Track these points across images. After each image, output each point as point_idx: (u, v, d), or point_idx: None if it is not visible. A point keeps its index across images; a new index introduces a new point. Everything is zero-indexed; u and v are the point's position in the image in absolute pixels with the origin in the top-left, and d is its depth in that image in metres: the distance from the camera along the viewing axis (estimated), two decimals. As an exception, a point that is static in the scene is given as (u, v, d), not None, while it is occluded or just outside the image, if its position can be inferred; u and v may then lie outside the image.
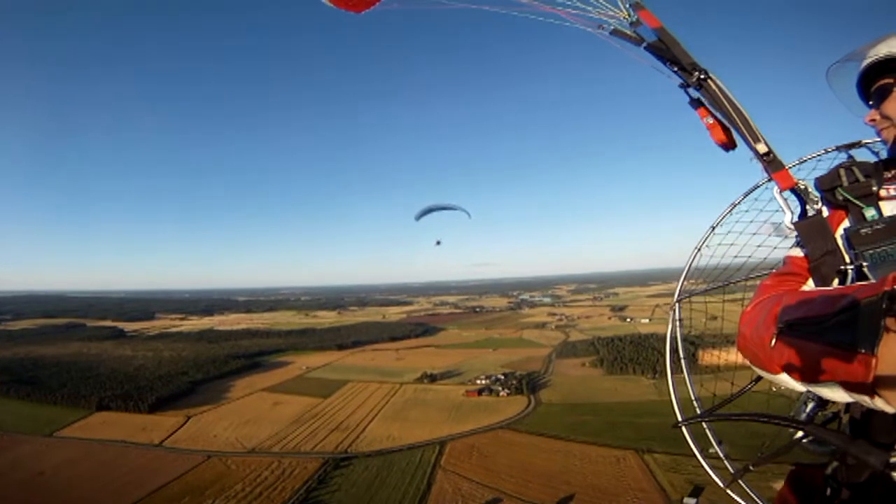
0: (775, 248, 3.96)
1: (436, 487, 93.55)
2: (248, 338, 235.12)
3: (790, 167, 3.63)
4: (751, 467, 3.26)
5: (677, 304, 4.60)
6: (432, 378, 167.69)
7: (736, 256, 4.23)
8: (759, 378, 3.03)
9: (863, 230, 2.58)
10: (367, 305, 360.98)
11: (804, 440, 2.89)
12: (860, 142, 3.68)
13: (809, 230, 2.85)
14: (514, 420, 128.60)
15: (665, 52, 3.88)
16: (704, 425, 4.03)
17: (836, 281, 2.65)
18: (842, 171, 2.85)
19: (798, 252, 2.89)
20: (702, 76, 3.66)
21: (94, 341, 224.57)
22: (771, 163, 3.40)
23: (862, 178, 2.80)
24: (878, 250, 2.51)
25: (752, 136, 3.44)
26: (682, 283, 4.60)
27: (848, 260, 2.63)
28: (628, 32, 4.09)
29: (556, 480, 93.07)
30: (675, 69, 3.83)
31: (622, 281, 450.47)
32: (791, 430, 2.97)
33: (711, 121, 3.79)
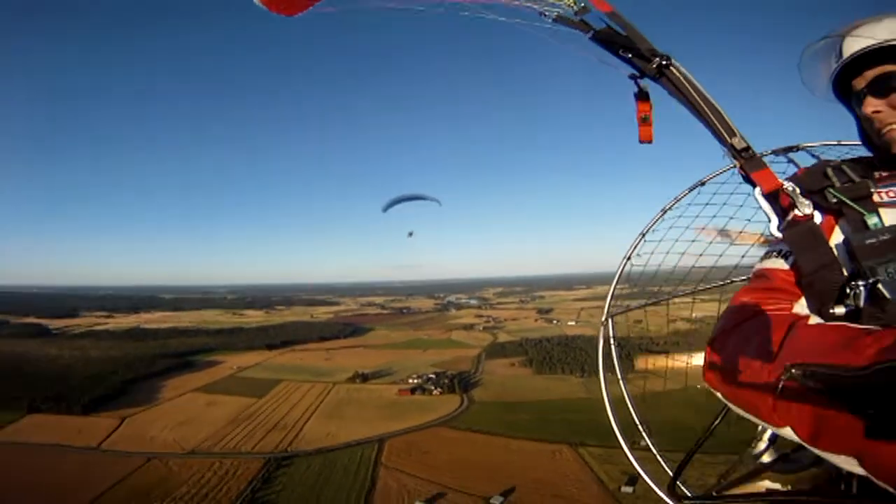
0: (721, 255, 3.83)
1: (380, 484, 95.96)
2: (176, 336, 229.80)
3: (719, 174, 3.83)
4: (714, 493, 3.26)
5: (610, 320, 4.35)
6: (364, 377, 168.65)
7: (675, 267, 4.13)
8: (726, 411, 3.10)
9: (868, 240, 2.21)
10: (295, 305, 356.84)
11: (770, 462, 3.10)
12: (799, 145, 3.72)
13: (801, 239, 2.45)
14: (450, 417, 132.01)
15: (617, 38, 3.74)
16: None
17: (836, 306, 2.18)
18: (829, 171, 2.66)
19: (780, 264, 2.51)
20: (663, 62, 3.48)
21: (18, 339, 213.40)
22: (749, 160, 3.10)
23: (857, 179, 2.56)
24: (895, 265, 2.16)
25: (726, 129, 3.21)
26: (613, 295, 4.39)
27: (846, 274, 2.26)
28: (573, 20, 4.01)
29: (496, 474, 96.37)
30: (629, 57, 3.69)
31: (547, 285, 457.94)
32: (753, 452, 3.20)
33: (647, 117, 3.75)
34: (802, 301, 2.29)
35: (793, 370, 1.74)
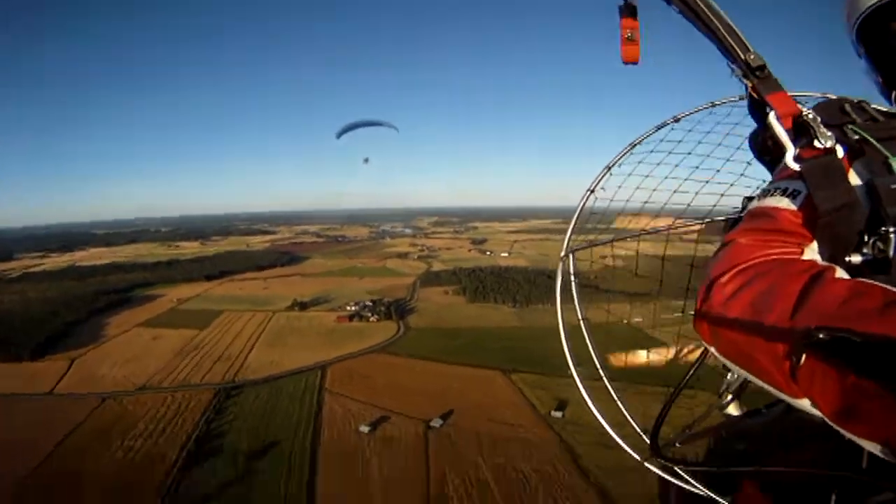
0: (697, 193, 3.41)
1: (326, 409, 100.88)
2: (113, 272, 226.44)
3: (695, 111, 3.69)
4: (677, 444, 3.19)
5: (571, 255, 3.83)
6: (303, 306, 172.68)
7: (646, 202, 3.68)
8: (700, 363, 3.07)
9: (894, 185, 1.88)
10: (230, 235, 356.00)
11: (738, 416, 3.01)
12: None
13: (821, 173, 2.04)
14: (388, 344, 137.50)
15: None
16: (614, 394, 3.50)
17: (853, 253, 1.92)
18: (848, 107, 2.36)
19: (786, 203, 2.12)
20: None
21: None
22: (764, 80, 2.52)
23: (880, 119, 2.29)
24: None
25: (739, 45, 2.62)
26: (573, 229, 3.88)
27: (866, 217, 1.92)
28: None
29: (434, 398, 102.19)
30: None
31: (481, 216, 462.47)
32: (720, 404, 3.09)
33: (633, 35, 3.22)
34: (814, 246, 2.01)
35: (819, 334, 1.44)
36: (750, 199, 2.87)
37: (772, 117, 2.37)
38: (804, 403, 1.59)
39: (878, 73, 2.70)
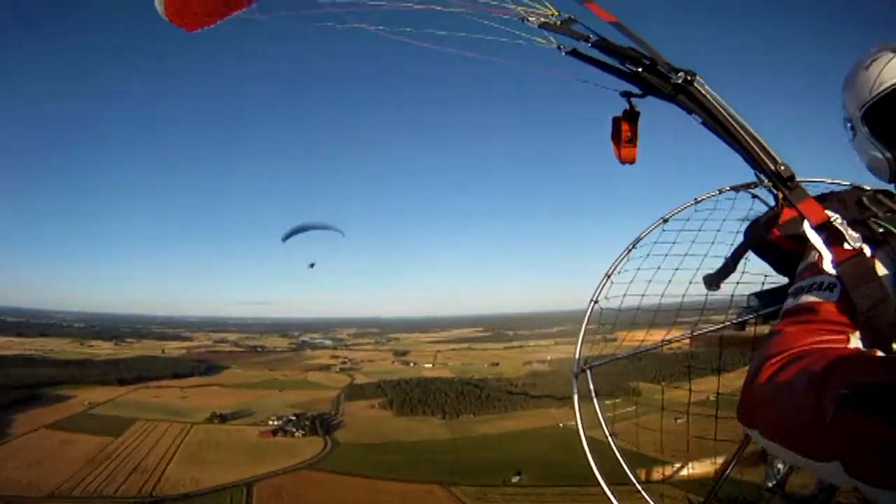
0: (707, 295, 3.63)
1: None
2: (21, 366, 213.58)
3: (681, 209, 3.84)
4: None
5: (588, 371, 3.91)
6: (223, 418, 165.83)
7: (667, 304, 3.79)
8: (739, 454, 3.27)
9: None
10: (145, 338, 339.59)
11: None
12: (757, 182, 3.24)
13: (856, 274, 2.24)
14: (316, 460, 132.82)
15: (620, 51, 3.41)
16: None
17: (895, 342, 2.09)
18: (865, 200, 2.57)
19: (826, 296, 2.32)
20: (688, 78, 3.11)
21: None
22: (794, 190, 2.78)
23: None
24: None
25: (768, 157, 2.86)
26: (581, 344, 3.99)
27: None
28: (563, 28, 3.70)
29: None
30: (639, 71, 3.32)
31: (402, 327, 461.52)
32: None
33: (632, 138, 3.53)
34: (857, 334, 2.19)
35: (845, 390, 1.54)
36: (758, 294, 3.18)
37: (806, 226, 2.58)
38: (833, 468, 1.61)
39: (891, 151, 2.78)
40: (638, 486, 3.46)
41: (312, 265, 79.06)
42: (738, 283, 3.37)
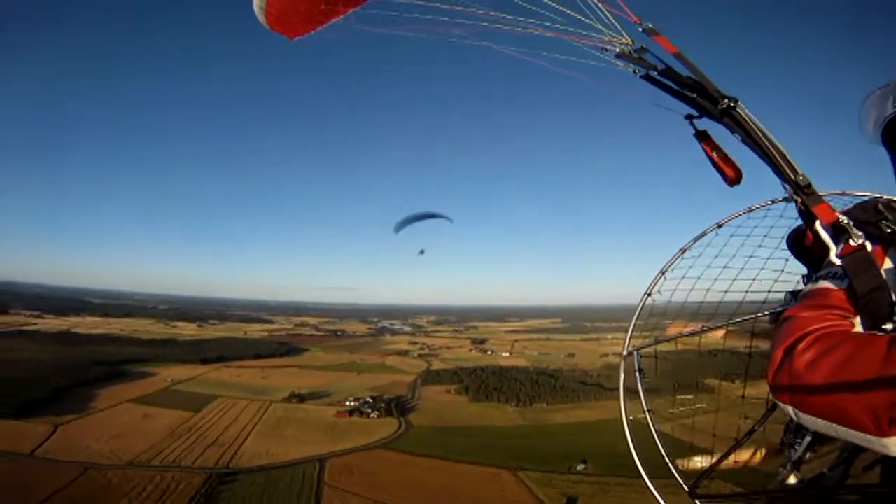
0: (748, 292, 3.76)
1: (325, 502, 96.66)
2: (108, 344, 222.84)
3: (735, 216, 4.07)
4: None
5: (636, 353, 4.21)
6: (301, 398, 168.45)
7: (694, 301, 4.06)
8: (771, 412, 3.42)
9: None
10: (228, 320, 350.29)
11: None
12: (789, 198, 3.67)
13: (856, 264, 2.72)
14: (389, 440, 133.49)
15: (681, 79, 3.89)
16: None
17: (887, 323, 2.51)
18: (881, 206, 2.92)
19: (835, 285, 2.74)
20: (731, 104, 3.61)
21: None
22: (810, 195, 3.30)
23: None
24: None
25: (790, 168, 3.39)
26: (632, 331, 4.26)
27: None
28: (636, 57, 4.16)
29: (439, 496, 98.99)
30: (692, 97, 3.82)
31: (480, 315, 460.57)
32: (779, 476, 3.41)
33: (718, 154, 3.90)
34: (857, 319, 2.58)
35: None
36: (793, 293, 3.44)
37: (818, 225, 3.10)
38: (893, 442, 2.04)
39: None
40: (671, 467, 3.56)
41: (422, 252, 79.10)
42: (775, 281, 3.60)
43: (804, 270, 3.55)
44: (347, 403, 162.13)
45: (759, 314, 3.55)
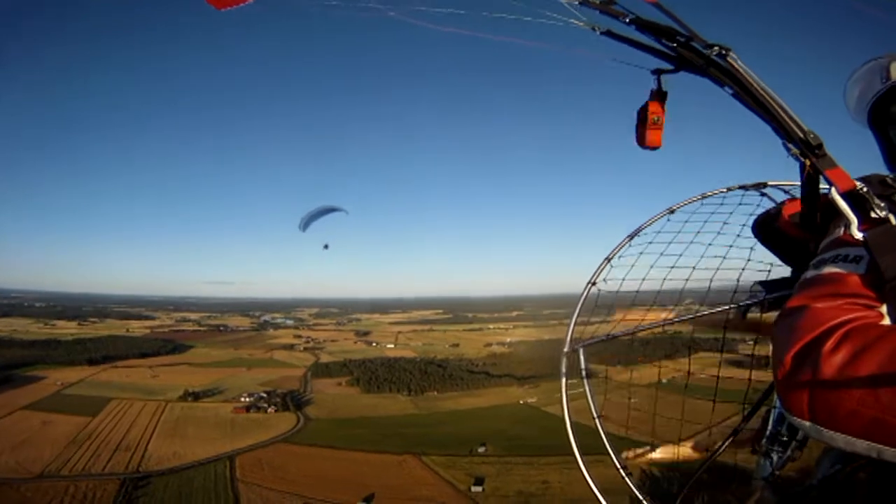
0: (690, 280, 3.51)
1: (244, 500, 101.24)
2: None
3: (688, 202, 3.90)
4: None
5: (581, 349, 3.75)
6: (196, 396, 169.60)
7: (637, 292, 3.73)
8: (746, 421, 3.19)
9: None
10: (108, 317, 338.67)
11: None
12: (766, 182, 3.64)
13: (883, 241, 2.13)
14: (290, 434, 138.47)
15: (657, 28, 3.42)
16: None
17: None
18: (889, 179, 2.58)
19: (851, 269, 2.19)
20: (723, 52, 3.07)
21: None
22: (822, 158, 2.64)
23: None
24: None
25: (795, 125, 2.75)
26: (574, 324, 3.85)
27: None
28: (601, 6, 3.65)
29: (350, 484, 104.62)
30: (672, 46, 3.34)
31: (362, 307, 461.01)
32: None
33: (659, 119, 3.56)
34: (884, 308, 2.05)
35: None
36: (763, 283, 3.32)
37: (833, 192, 2.51)
38: None
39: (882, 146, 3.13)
40: (625, 477, 3.36)
41: (327, 246, 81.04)
42: (742, 269, 3.38)
43: (772, 259, 3.34)
44: (243, 399, 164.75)
45: (730, 306, 3.34)
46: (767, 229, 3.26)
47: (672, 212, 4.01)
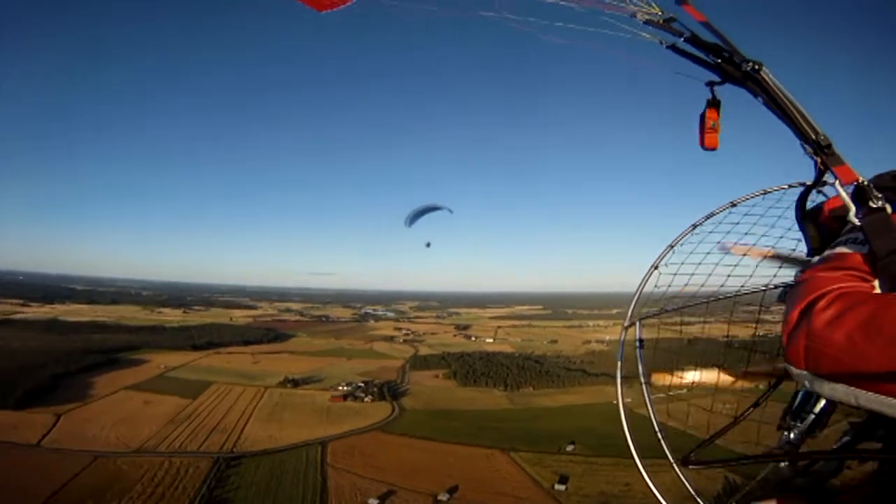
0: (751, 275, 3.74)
1: (331, 483, 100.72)
2: (98, 331, 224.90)
3: (750, 197, 4.08)
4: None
5: (638, 322, 4.07)
6: (295, 383, 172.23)
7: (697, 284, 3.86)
8: (777, 385, 3.52)
9: None
10: (213, 306, 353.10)
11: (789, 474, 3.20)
12: (825, 181, 3.52)
13: (877, 225, 2.64)
14: (385, 423, 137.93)
15: (706, 45, 3.85)
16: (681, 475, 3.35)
17: None
18: None
19: (855, 248, 2.67)
20: (755, 67, 3.56)
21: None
22: (831, 156, 3.21)
23: None
24: None
25: (811, 129, 3.30)
26: (636, 303, 4.11)
27: None
28: (662, 24, 4.11)
29: (438, 474, 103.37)
30: (718, 63, 3.78)
31: (462, 302, 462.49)
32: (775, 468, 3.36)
33: (716, 124, 3.93)
34: (876, 282, 2.51)
35: None
36: (803, 271, 3.23)
37: (837, 185, 3.05)
38: None
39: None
40: (660, 436, 3.60)
41: (429, 244, 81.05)
42: (785, 259, 3.77)
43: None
44: (340, 388, 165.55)
45: (769, 287, 3.69)
46: (813, 222, 3.50)
47: (734, 205, 4.14)
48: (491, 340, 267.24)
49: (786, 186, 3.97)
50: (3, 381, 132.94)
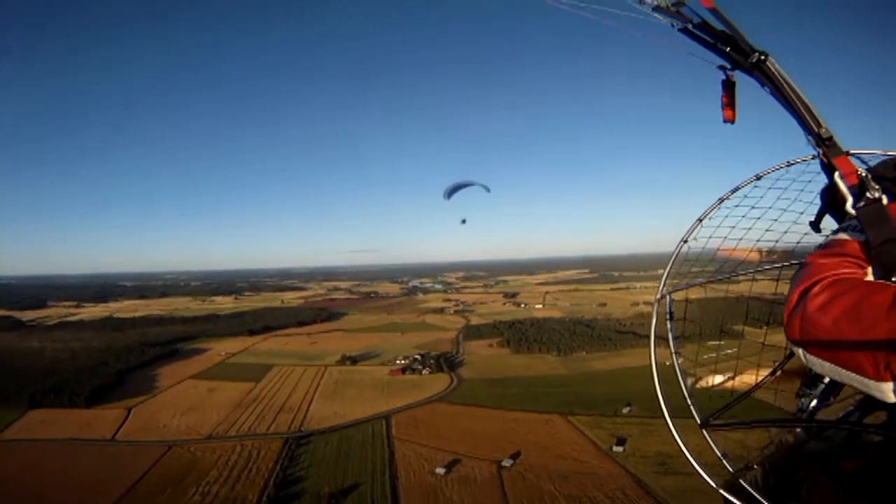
0: (776, 241, 3.89)
1: (398, 454, 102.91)
2: (153, 325, 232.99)
3: (774, 170, 4.15)
4: (755, 466, 3.59)
5: (668, 296, 4.16)
6: (353, 360, 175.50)
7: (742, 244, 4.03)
8: (787, 359, 3.63)
9: None
10: (262, 291, 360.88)
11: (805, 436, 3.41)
12: (848, 151, 3.62)
13: (870, 216, 2.83)
14: (444, 394, 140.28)
15: (716, 32, 3.92)
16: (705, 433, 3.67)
17: None
18: None
19: (853, 236, 2.86)
20: (761, 57, 3.66)
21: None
22: (831, 147, 3.40)
23: None
24: None
25: (814, 121, 3.47)
26: (668, 276, 4.20)
27: None
28: (672, 10, 4.12)
29: (499, 441, 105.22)
30: (727, 50, 3.86)
31: (508, 269, 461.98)
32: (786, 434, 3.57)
33: (730, 101, 4.07)
34: (870, 270, 2.71)
35: None
36: (822, 245, 3.39)
37: (836, 176, 3.32)
38: (887, 388, 2.24)
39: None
40: (688, 399, 3.87)
41: (464, 221, 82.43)
42: (804, 234, 3.80)
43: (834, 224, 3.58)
44: (398, 362, 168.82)
45: (786, 263, 3.80)
46: (833, 199, 3.48)
47: (759, 178, 4.18)
48: (540, 306, 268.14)
49: (809, 158, 3.99)
50: (70, 382, 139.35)
